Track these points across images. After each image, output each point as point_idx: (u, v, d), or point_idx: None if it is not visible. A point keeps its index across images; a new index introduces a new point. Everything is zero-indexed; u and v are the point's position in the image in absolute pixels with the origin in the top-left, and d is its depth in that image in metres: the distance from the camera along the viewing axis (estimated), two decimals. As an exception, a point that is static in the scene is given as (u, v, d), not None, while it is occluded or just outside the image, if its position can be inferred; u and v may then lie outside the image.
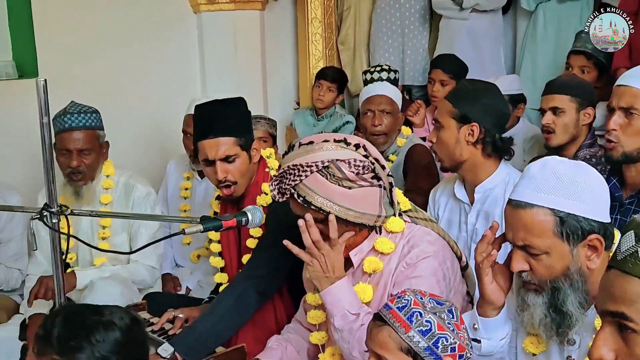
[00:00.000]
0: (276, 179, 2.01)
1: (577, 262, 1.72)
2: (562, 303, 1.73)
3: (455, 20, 4.81)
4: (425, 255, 2.03)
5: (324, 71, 4.77)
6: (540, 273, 1.75)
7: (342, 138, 1.99)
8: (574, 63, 3.93)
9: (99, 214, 2.29)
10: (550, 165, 1.76)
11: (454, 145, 2.59)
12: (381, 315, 1.62)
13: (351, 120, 4.63)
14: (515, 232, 1.76)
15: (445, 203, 2.81)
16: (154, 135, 4.66)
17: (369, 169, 1.97)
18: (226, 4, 4.78)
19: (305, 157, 1.96)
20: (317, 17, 5.30)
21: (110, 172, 3.21)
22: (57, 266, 2.03)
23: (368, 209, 1.99)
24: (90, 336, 1.45)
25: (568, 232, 1.70)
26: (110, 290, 2.92)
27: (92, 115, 3.10)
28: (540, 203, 1.71)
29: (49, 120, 1.98)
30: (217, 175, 2.55)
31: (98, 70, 4.36)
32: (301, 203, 1.96)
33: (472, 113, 2.57)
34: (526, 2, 4.67)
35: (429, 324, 1.56)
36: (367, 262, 2.07)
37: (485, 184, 2.62)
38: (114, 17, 4.45)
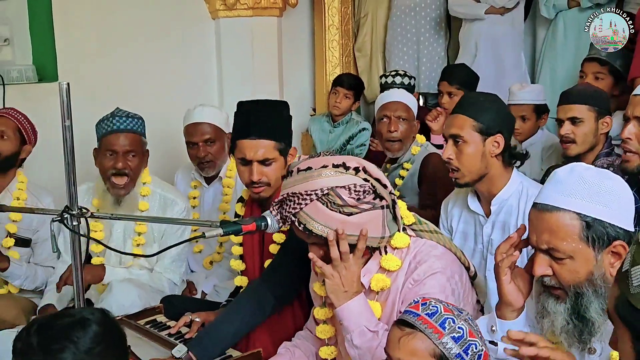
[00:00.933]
0: (276, 204, 1.99)
1: (601, 268, 1.69)
2: (585, 309, 1.71)
3: (475, 26, 4.81)
4: (433, 271, 2.00)
5: (340, 78, 4.78)
6: (563, 277, 1.73)
7: (341, 162, 1.95)
8: (588, 70, 3.91)
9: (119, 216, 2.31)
10: (577, 170, 1.75)
11: (480, 160, 2.54)
12: (409, 322, 1.60)
13: (367, 127, 4.64)
14: (540, 236, 1.74)
15: (458, 215, 2.79)
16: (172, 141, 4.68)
17: (370, 192, 1.94)
18: (244, 10, 4.81)
19: (304, 185, 1.92)
20: (334, 24, 5.32)
21: (148, 180, 3.21)
22: (76, 268, 2.05)
23: (371, 232, 1.97)
24: (69, 335, 1.49)
25: (594, 237, 1.68)
26: (128, 292, 2.94)
27: (139, 121, 3.14)
28: (567, 207, 1.70)
29: (71, 124, 2.01)
30: (252, 176, 2.52)
31: (116, 75, 4.40)
32: (302, 230, 1.95)
33: (495, 124, 2.54)
34: (546, 10, 4.67)
35: (462, 330, 1.56)
36: (374, 280, 2.05)
37: (502, 195, 2.59)
38: (133, 22, 4.49)
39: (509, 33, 4.82)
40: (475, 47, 4.83)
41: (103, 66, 4.35)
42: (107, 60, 4.37)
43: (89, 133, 3.30)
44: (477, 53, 4.80)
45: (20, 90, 4.07)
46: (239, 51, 4.87)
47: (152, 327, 2.67)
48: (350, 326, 1.97)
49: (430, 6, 5.14)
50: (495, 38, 4.81)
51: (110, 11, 4.40)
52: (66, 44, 4.21)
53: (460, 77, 4.38)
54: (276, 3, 4.89)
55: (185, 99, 4.67)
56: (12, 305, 3.15)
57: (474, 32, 4.85)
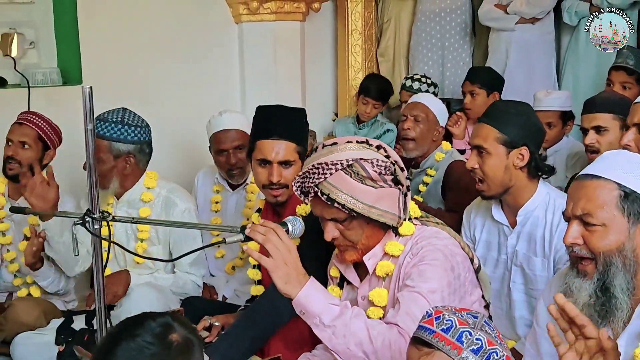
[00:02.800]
0: (299, 178, 2.03)
1: (633, 242, 1.71)
2: (610, 281, 1.72)
3: (506, 32, 4.80)
4: (432, 246, 2.03)
5: (367, 85, 4.70)
6: (594, 244, 1.74)
7: (365, 139, 2.05)
8: (615, 79, 3.87)
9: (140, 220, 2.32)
10: (624, 152, 1.84)
11: (503, 172, 2.52)
12: (425, 340, 1.57)
13: (392, 129, 4.64)
14: (577, 202, 1.76)
15: (481, 224, 2.76)
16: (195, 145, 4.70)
17: (390, 170, 2.00)
18: (267, 15, 4.81)
19: (329, 156, 1.99)
20: (357, 29, 5.30)
21: (152, 185, 3.21)
22: (98, 270, 2.06)
23: (390, 208, 2.02)
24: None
25: (630, 209, 1.71)
26: (147, 296, 2.94)
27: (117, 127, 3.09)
28: (608, 176, 1.74)
29: (94, 127, 2.01)
30: (272, 177, 2.54)
31: (140, 78, 4.43)
32: (325, 201, 1.98)
33: (520, 137, 2.51)
34: (568, 16, 4.64)
35: (480, 342, 1.53)
36: (379, 266, 2.09)
37: (528, 206, 2.56)
38: (157, 26, 4.52)
39: (539, 40, 4.80)
40: (506, 53, 4.82)
41: (127, 70, 4.38)
42: (131, 64, 4.40)
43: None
44: (508, 60, 4.78)
45: (44, 93, 4.11)
46: (261, 56, 4.87)
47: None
48: (314, 308, 1.88)
49: (455, 11, 5.12)
50: (526, 45, 4.78)
51: (135, 15, 4.43)
52: (91, 47, 4.25)
53: (483, 77, 4.40)
54: (299, 8, 4.89)
55: (207, 103, 4.69)
56: (34, 307, 3.16)
57: (504, 39, 4.83)
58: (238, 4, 4.78)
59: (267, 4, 4.76)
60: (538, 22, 4.75)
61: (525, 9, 4.68)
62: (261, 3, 4.74)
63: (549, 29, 4.82)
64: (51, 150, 3.37)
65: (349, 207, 1.97)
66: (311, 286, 1.91)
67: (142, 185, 3.20)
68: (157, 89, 4.48)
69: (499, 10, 4.79)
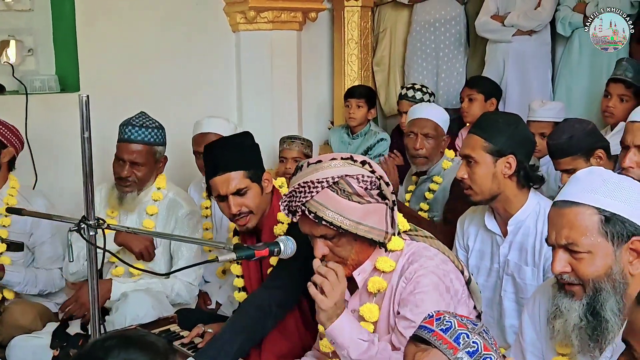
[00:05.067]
0: (286, 198, 2.05)
1: (620, 263, 1.72)
2: (601, 306, 1.73)
3: (502, 43, 4.84)
4: (425, 269, 2.04)
5: (350, 90, 4.85)
6: (582, 272, 1.74)
7: (349, 156, 2.06)
8: (613, 91, 3.90)
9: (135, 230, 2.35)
10: (596, 171, 1.81)
11: (491, 180, 2.55)
12: (424, 337, 1.61)
13: (385, 138, 4.67)
14: (559, 231, 1.76)
15: (475, 234, 2.79)
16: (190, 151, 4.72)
17: (376, 185, 2.02)
18: (264, 24, 4.85)
19: (314, 174, 2.01)
20: (353, 38, 5.34)
21: (162, 185, 3.32)
22: (92, 277, 2.07)
23: (377, 224, 2.04)
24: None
25: (612, 232, 1.71)
26: (141, 302, 2.96)
27: (153, 131, 3.23)
28: (586, 202, 1.73)
29: (90, 135, 2.04)
30: (231, 209, 2.57)
31: (137, 86, 4.44)
32: (312, 219, 2.00)
33: (507, 146, 2.55)
34: (562, 27, 4.68)
35: (476, 345, 1.56)
36: (370, 282, 2.11)
37: (519, 216, 2.59)
38: (155, 34, 4.54)
39: (536, 51, 4.84)
40: (503, 64, 4.86)
41: (124, 77, 4.40)
42: (128, 72, 4.42)
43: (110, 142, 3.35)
44: (505, 71, 4.83)
45: (42, 100, 4.13)
46: (258, 64, 4.90)
47: (166, 336, 2.69)
48: (344, 342, 2.00)
49: (450, 22, 5.16)
50: (523, 56, 4.83)
51: (133, 23, 4.45)
52: (89, 55, 4.27)
53: (482, 84, 4.49)
54: (296, 17, 4.93)
55: (205, 111, 4.70)
56: (29, 311, 3.19)
57: (501, 50, 4.88)
58: (235, 13, 4.82)
59: (264, 13, 4.80)
60: (535, 33, 4.80)
61: (522, 21, 4.72)
62: (258, 12, 4.78)
63: (545, 40, 4.86)
64: (8, 148, 3.32)
65: (337, 224, 1.99)
66: (344, 319, 2.01)
67: (153, 185, 3.31)
68: (154, 97, 4.49)
69: (496, 22, 4.83)
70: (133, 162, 3.18)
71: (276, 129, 4.79)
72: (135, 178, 3.20)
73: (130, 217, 3.29)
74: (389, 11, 5.51)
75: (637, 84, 3.83)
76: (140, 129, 3.19)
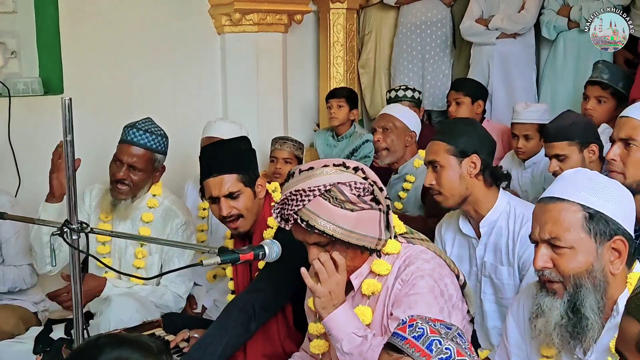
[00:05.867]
0: (278, 206, 2.04)
1: (601, 261, 1.74)
2: (581, 303, 1.74)
3: (487, 46, 4.86)
4: (421, 272, 2.04)
5: (331, 91, 4.89)
6: (563, 268, 1.76)
7: (341, 162, 2.04)
8: (591, 93, 3.94)
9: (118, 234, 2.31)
10: (583, 170, 1.85)
11: (459, 182, 2.59)
12: (396, 345, 1.59)
13: (370, 139, 4.65)
14: (543, 226, 1.78)
15: (452, 239, 2.81)
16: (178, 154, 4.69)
17: (369, 191, 2.00)
18: (249, 26, 4.85)
19: (307, 182, 1.99)
20: (339, 41, 5.35)
21: (158, 192, 3.26)
22: (75, 282, 2.05)
23: (369, 232, 2.02)
24: None
25: (596, 229, 1.73)
26: (125, 306, 2.93)
27: (157, 138, 3.17)
28: (571, 198, 1.76)
29: (73, 138, 2.02)
30: (222, 211, 2.58)
31: (122, 88, 4.42)
32: (305, 228, 1.99)
33: (469, 145, 2.60)
34: (547, 30, 4.70)
35: (449, 351, 1.55)
36: (365, 284, 2.10)
37: (490, 217, 2.62)
38: (139, 37, 4.52)
39: (521, 53, 4.87)
40: (488, 66, 4.88)
41: (109, 80, 4.38)
42: (113, 74, 4.39)
43: (94, 145, 3.33)
44: (490, 73, 4.85)
45: (25, 102, 4.09)
46: (244, 66, 4.90)
47: (152, 341, 2.67)
48: (339, 334, 2.01)
49: (436, 24, 5.18)
50: (507, 58, 4.86)
51: (117, 26, 4.43)
52: (73, 57, 4.24)
53: (468, 86, 4.50)
54: (281, 19, 4.93)
55: (190, 114, 4.71)
56: (10, 315, 3.15)
57: (486, 52, 4.90)
58: (221, 15, 4.81)
59: (250, 16, 4.79)
60: (519, 36, 4.82)
61: (506, 25, 4.75)
62: (243, 14, 4.77)
63: (530, 42, 4.88)
64: None
65: (329, 233, 1.97)
66: (341, 311, 2.02)
67: (148, 193, 3.25)
68: (139, 99, 4.48)
69: (480, 25, 4.85)
70: (131, 165, 3.11)
71: (262, 131, 4.79)
72: (131, 182, 3.13)
73: (123, 224, 3.21)
74: (374, 13, 5.52)
75: (614, 85, 3.87)
76: (144, 133, 3.13)
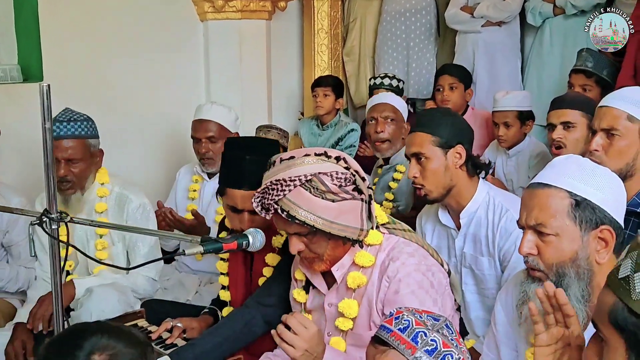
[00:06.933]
0: (258, 194, 2.00)
1: (587, 250, 1.73)
2: (565, 291, 1.69)
3: (472, 34, 4.85)
4: (407, 268, 2.01)
5: (317, 79, 4.85)
6: (547, 256, 1.75)
7: (323, 152, 1.99)
8: (575, 82, 3.93)
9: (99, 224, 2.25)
10: (573, 157, 1.82)
11: (444, 173, 2.56)
12: (382, 338, 1.59)
13: (356, 128, 4.66)
14: (529, 212, 1.77)
15: (431, 230, 2.79)
16: (160, 142, 4.65)
17: (351, 181, 1.97)
18: (233, 13, 4.79)
19: (287, 172, 1.95)
20: (323, 28, 5.31)
21: (105, 180, 3.16)
22: (55, 272, 2.01)
23: (351, 222, 1.99)
24: None
25: (582, 216, 1.72)
26: (107, 297, 2.88)
27: (83, 124, 3.03)
28: (559, 185, 1.75)
29: (51, 126, 1.97)
30: (243, 224, 2.45)
31: (104, 76, 4.36)
32: (285, 218, 1.96)
33: (453, 136, 2.57)
34: (532, 17, 4.68)
35: (435, 343, 1.55)
36: (350, 277, 2.07)
37: (470, 208, 2.60)
38: (120, 23, 4.45)
39: (505, 41, 4.85)
40: (472, 54, 4.86)
41: (89, 67, 4.31)
42: (94, 61, 4.32)
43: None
44: (475, 62, 4.83)
45: (4, 90, 4.02)
46: (227, 54, 4.85)
47: (134, 332, 2.64)
48: None
49: (420, 12, 5.15)
50: (492, 46, 4.84)
51: (98, 11, 4.36)
52: (52, 44, 4.16)
53: (461, 72, 4.50)
54: (265, 6, 4.87)
55: (172, 101, 4.66)
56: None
57: (470, 40, 4.88)
58: (203, 1, 4.75)
59: (233, 2, 4.74)
60: (504, 24, 4.81)
61: (491, 13, 4.73)
62: (227, 1, 4.72)
63: (515, 30, 4.87)
64: None
65: (310, 223, 1.94)
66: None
67: (96, 182, 3.15)
68: (120, 87, 4.42)
69: (465, 13, 4.83)
70: (68, 160, 2.99)
71: (246, 119, 4.72)
72: (74, 177, 3.01)
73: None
74: (359, 1, 5.49)
75: (598, 73, 3.87)
76: (68, 123, 2.99)
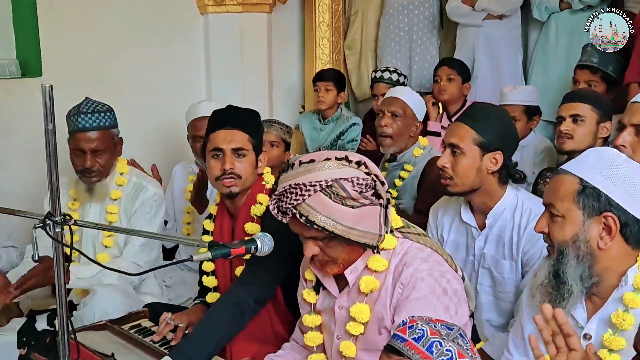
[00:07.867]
0: (275, 197, 1.97)
1: (587, 234, 1.82)
2: (563, 270, 1.84)
3: (473, 28, 4.80)
4: (420, 274, 1.98)
5: (319, 73, 4.79)
6: (554, 235, 1.88)
7: (344, 156, 1.97)
8: (580, 77, 3.88)
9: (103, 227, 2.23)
10: (599, 149, 1.93)
11: (475, 174, 2.49)
12: (396, 347, 1.57)
13: (358, 122, 4.62)
14: (547, 193, 1.93)
15: (449, 224, 2.73)
16: (160, 137, 4.62)
17: (371, 186, 1.94)
18: (233, 6, 4.76)
19: (307, 176, 1.92)
20: (324, 21, 5.27)
21: (125, 170, 3.25)
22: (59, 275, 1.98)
23: (370, 228, 1.96)
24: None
25: (585, 202, 1.82)
26: (110, 298, 2.88)
27: (107, 115, 3.11)
28: (574, 172, 1.86)
29: (54, 127, 1.93)
30: (225, 164, 2.50)
31: (103, 70, 4.33)
32: (303, 223, 1.93)
33: (496, 141, 2.49)
34: (538, 12, 4.64)
35: (450, 353, 1.52)
36: (363, 281, 2.04)
37: (497, 208, 2.54)
38: (120, 17, 4.42)
39: (506, 35, 4.80)
40: (473, 48, 4.82)
41: (89, 61, 4.27)
42: (93, 56, 4.29)
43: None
44: (475, 55, 4.79)
45: (2, 85, 3.99)
46: (227, 47, 4.82)
47: (137, 332, 2.63)
48: None
49: (423, 4, 5.10)
50: (493, 40, 4.79)
51: (97, 5, 4.33)
52: (51, 38, 4.13)
53: (459, 65, 4.47)
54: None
55: (172, 95, 4.63)
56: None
57: (471, 34, 4.83)
58: (203, -6, 4.71)
59: (233, -5, 4.70)
60: (505, 17, 4.76)
61: (493, 6, 4.68)
62: (227, -6, 4.68)
63: (515, 24, 4.82)
64: None
65: (329, 229, 1.91)
66: None
67: (116, 170, 3.23)
68: (121, 81, 4.39)
69: (466, 6, 4.78)
70: (94, 151, 3.06)
71: (246, 113, 4.71)
72: (100, 167, 3.09)
73: (94, 206, 3.20)
74: (360, -7, 5.43)
75: (604, 69, 3.81)
76: (92, 115, 3.05)
